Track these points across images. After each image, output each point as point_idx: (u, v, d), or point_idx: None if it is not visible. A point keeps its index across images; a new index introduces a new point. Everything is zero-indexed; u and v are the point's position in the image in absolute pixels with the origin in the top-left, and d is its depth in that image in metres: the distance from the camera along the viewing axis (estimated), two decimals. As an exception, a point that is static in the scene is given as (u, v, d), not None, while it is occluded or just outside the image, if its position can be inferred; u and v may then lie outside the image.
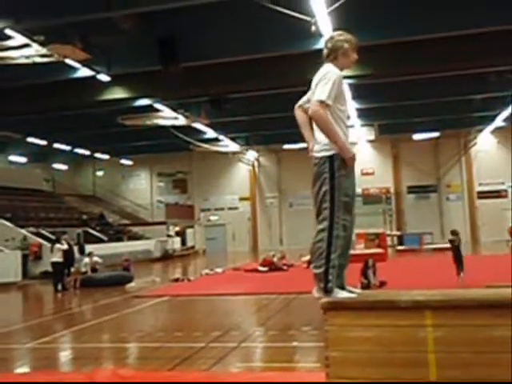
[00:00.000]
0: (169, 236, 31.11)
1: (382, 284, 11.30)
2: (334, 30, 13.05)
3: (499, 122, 27.23)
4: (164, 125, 22.14)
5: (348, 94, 19.24)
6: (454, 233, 12.08)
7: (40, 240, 21.11)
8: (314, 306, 4.06)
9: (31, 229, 22.39)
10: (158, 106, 20.04)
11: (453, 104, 22.36)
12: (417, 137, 30.77)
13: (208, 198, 36.19)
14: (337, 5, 11.58)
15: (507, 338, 2.86)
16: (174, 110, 20.75)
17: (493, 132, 30.96)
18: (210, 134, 26.36)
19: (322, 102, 3.64)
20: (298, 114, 4.07)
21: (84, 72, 15.20)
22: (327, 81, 3.70)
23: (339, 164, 3.71)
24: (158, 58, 13.89)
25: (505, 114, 25.27)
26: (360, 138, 28.57)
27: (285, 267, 17.28)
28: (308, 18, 11.91)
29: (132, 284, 15.20)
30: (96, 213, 32.05)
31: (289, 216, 34.40)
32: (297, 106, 4.05)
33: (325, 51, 3.94)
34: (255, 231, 35.31)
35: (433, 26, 13.07)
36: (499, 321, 2.89)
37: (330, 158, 3.71)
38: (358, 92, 19.60)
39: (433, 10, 12.60)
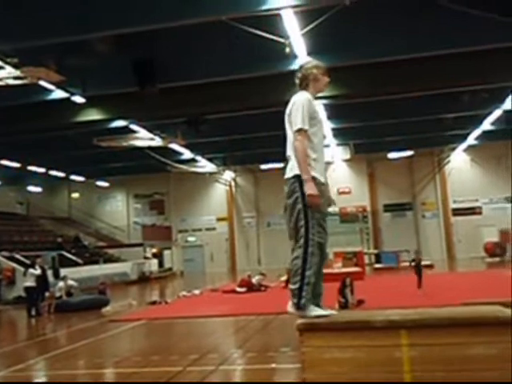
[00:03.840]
0: (146, 258, 30.77)
1: (360, 303, 11.30)
2: (308, 53, 13.27)
3: (472, 140, 27.77)
4: (140, 146, 22.04)
5: (323, 114, 19.45)
6: (417, 252, 14.40)
7: (13, 264, 20.68)
8: (292, 326, 4.04)
9: (4, 253, 21.94)
10: (133, 127, 19.95)
11: (426, 123, 22.73)
12: (392, 155, 31.16)
13: (185, 219, 36.00)
14: (310, 27, 11.74)
15: (482, 355, 2.87)
16: (150, 131, 20.69)
17: (466, 150, 31.54)
18: (187, 154, 26.32)
19: (299, 131, 3.85)
20: None
21: (59, 94, 15.08)
22: (296, 109, 3.93)
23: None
24: (135, 80, 13.87)
25: (477, 132, 25.79)
26: (336, 158, 28.81)
27: (263, 288, 17.19)
28: (282, 40, 12.04)
29: (108, 308, 14.94)
30: (71, 235, 31.59)
31: (266, 236, 34.37)
32: None
33: (297, 81, 4.16)
34: (233, 251, 35.17)
35: (406, 46, 13.31)
36: (474, 339, 2.91)
37: (300, 177, 3.78)
38: (334, 112, 19.84)
39: (406, 31, 12.84)
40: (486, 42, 12.99)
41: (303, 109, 3.89)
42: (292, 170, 3.89)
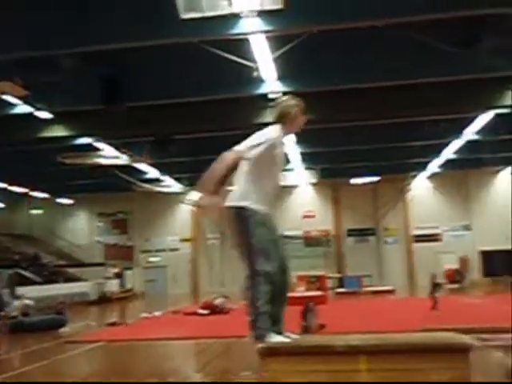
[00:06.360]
0: (107, 278, 30.21)
1: (322, 327, 11.29)
2: (278, 78, 13.45)
3: (434, 168, 28.45)
4: (105, 164, 21.81)
5: (292, 138, 19.68)
6: (433, 276, 14.85)
7: (-33, 282, 20.03)
8: (254, 350, 4.01)
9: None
10: (99, 144, 19.76)
11: (390, 150, 23.22)
12: (356, 181, 31.63)
13: (149, 239, 35.58)
14: (280, 52, 11.94)
15: (436, 382, 2.91)
16: (117, 149, 20.52)
17: (429, 177, 32.28)
18: (153, 173, 26.16)
19: (237, 152, 3.92)
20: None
21: (23, 108, 14.89)
22: (257, 142, 3.93)
23: (251, 213, 3.73)
24: (101, 97, 13.79)
25: (439, 160, 26.46)
26: (302, 182, 29.08)
27: (225, 310, 17.04)
28: (250, 64, 12.19)
29: (66, 328, 14.55)
30: (30, 253, 30.81)
31: (230, 257, 34.17)
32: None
33: (274, 113, 4.07)
34: (196, 273, 34.86)
35: (372, 75, 13.67)
36: (428, 365, 2.94)
37: (241, 208, 3.79)
38: (302, 136, 20.06)
39: (372, 60, 13.19)
40: (448, 73, 13.46)
41: (263, 147, 3.84)
42: (233, 201, 3.87)
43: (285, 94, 14.96)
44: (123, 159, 21.30)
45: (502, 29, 11.49)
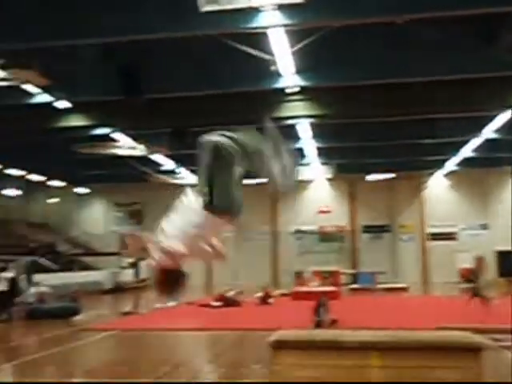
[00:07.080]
0: (122, 267, 30.43)
1: (334, 322, 11.32)
2: (296, 71, 13.41)
3: (451, 166, 28.19)
4: (122, 155, 21.93)
5: (309, 132, 19.71)
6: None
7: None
8: (266, 343, 4.04)
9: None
10: (117, 135, 19.88)
11: (407, 147, 23.02)
12: (373, 177, 31.44)
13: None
14: (298, 46, 11.89)
15: (447, 379, 2.91)
16: (134, 139, 20.62)
17: (446, 175, 31.98)
18: (168, 165, 26.27)
19: None
20: None
21: (43, 98, 14.98)
22: None
23: None
24: (121, 88, 13.85)
25: (457, 159, 26.20)
26: (318, 176, 29.01)
27: (238, 303, 17.13)
28: (268, 58, 12.17)
29: (80, 316, 14.74)
30: (47, 241, 31.17)
31: (245, 250, 34.24)
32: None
33: None
34: (210, 265, 34.96)
35: (392, 71, 13.56)
36: (440, 363, 2.94)
37: None
38: (318, 131, 20.01)
39: (391, 57, 13.07)
40: (467, 71, 13.33)
41: None
42: None
43: (302, 88, 14.95)
44: (140, 150, 21.38)
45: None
